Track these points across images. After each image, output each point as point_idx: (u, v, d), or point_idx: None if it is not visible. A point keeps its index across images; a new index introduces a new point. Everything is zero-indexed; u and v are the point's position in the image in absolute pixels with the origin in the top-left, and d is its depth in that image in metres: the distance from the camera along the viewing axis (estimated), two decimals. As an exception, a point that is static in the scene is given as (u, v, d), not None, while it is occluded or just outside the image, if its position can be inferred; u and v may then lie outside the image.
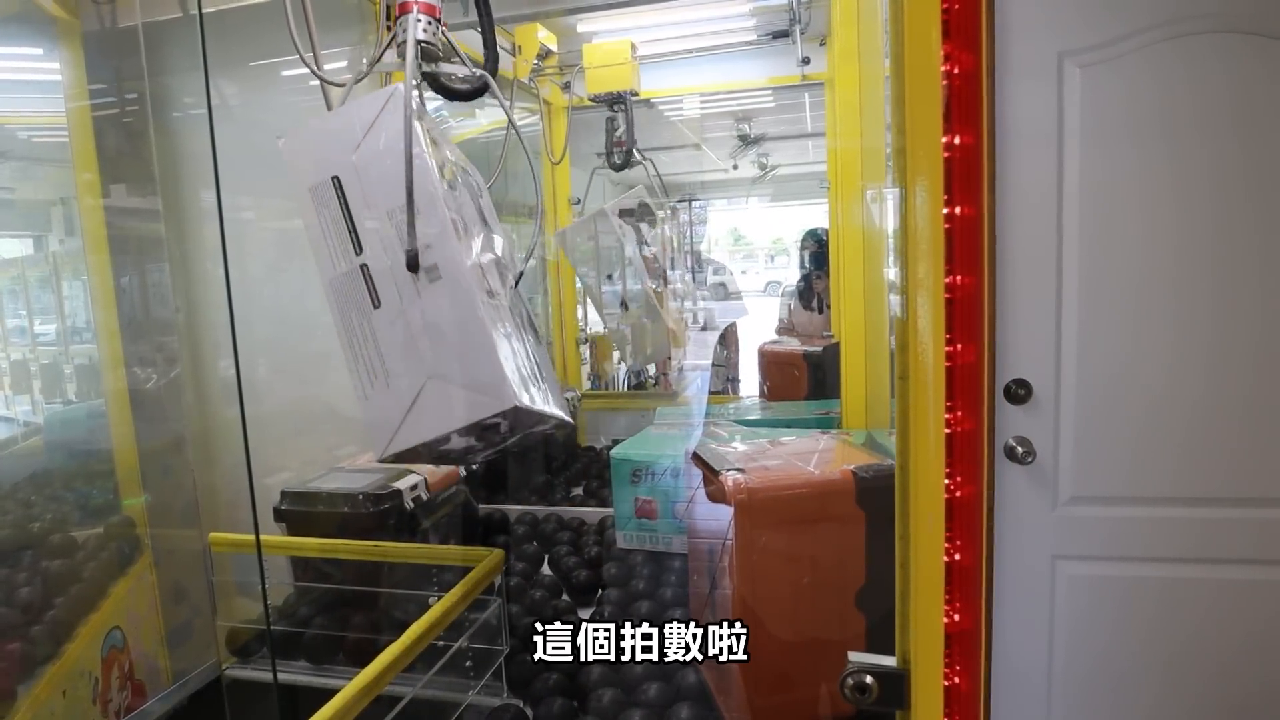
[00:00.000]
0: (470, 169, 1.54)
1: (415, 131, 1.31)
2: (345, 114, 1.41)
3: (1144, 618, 1.38)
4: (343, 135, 1.37)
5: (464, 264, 1.31)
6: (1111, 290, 1.36)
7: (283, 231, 2.54)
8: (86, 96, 1.99)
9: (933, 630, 0.88)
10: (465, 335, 1.29)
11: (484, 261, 1.38)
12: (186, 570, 2.11)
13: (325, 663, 1.88)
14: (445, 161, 1.42)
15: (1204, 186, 1.32)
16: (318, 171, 1.37)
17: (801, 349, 3.10)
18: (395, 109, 1.34)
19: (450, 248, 1.31)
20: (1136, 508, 1.38)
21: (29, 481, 1.90)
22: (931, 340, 0.81)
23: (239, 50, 2.28)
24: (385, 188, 1.32)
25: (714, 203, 5.11)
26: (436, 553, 1.77)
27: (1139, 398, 1.37)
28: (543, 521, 2.71)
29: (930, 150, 0.80)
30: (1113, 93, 1.32)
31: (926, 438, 0.83)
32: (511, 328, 1.39)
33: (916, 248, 0.81)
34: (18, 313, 2.31)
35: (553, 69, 3.14)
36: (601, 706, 1.67)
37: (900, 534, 0.90)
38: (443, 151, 1.44)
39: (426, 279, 1.30)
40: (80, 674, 1.66)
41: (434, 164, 1.35)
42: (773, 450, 1.86)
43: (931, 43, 0.82)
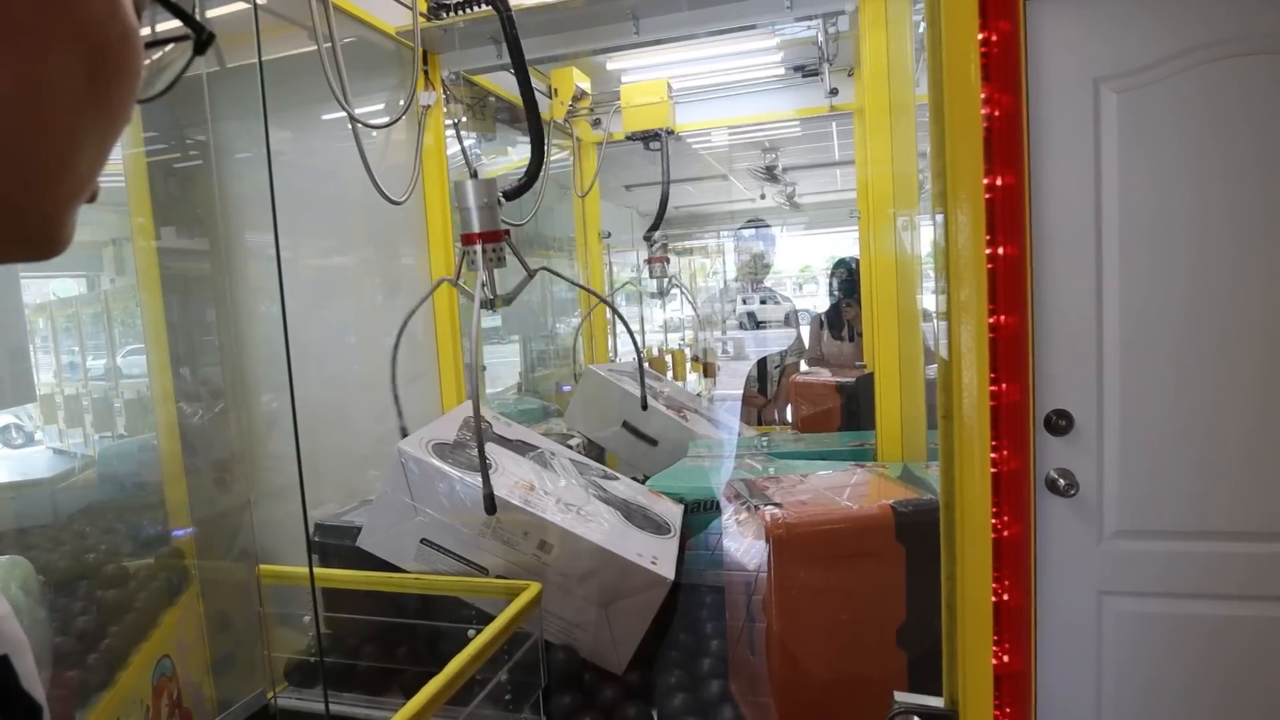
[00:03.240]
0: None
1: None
2: (383, 502, 1.93)
3: (1193, 656, 1.34)
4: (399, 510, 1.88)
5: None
6: (1154, 319, 1.34)
7: (320, 269, 2.63)
8: (142, 144, 2.09)
9: (981, 671, 0.88)
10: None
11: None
12: (230, 600, 2.16)
13: (366, 693, 1.90)
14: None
15: (1245, 212, 1.31)
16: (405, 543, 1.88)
17: (835, 380, 3.09)
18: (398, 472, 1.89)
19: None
20: (1186, 542, 1.35)
21: (84, 513, 1.96)
22: (976, 381, 0.82)
23: (277, 98, 2.39)
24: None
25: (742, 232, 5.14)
26: (476, 585, 1.78)
27: (1186, 429, 1.34)
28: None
29: (972, 194, 0.82)
30: (1151, 117, 1.31)
31: (973, 477, 0.84)
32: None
33: (959, 289, 0.82)
34: (70, 349, 2.40)
35: (586, 109, 3.22)
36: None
37: (947, 573, 0.90)
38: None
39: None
40: (133, 701, 1.70)
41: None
42: (808, 483, 1.85)
43: (971, 87, 0.84)
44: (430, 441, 1.96)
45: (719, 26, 2.36)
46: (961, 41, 0.84)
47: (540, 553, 1.81)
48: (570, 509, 1.91)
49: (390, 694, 1.88)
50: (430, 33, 2.38)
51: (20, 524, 1.79)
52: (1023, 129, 0.93)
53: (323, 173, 2.46)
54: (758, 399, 3.89)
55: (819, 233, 5.21)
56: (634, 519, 2.02)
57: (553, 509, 1.87)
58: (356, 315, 2.60)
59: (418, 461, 1.87)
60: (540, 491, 1.94)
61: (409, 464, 1.87)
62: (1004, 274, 0.84)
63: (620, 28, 2.38)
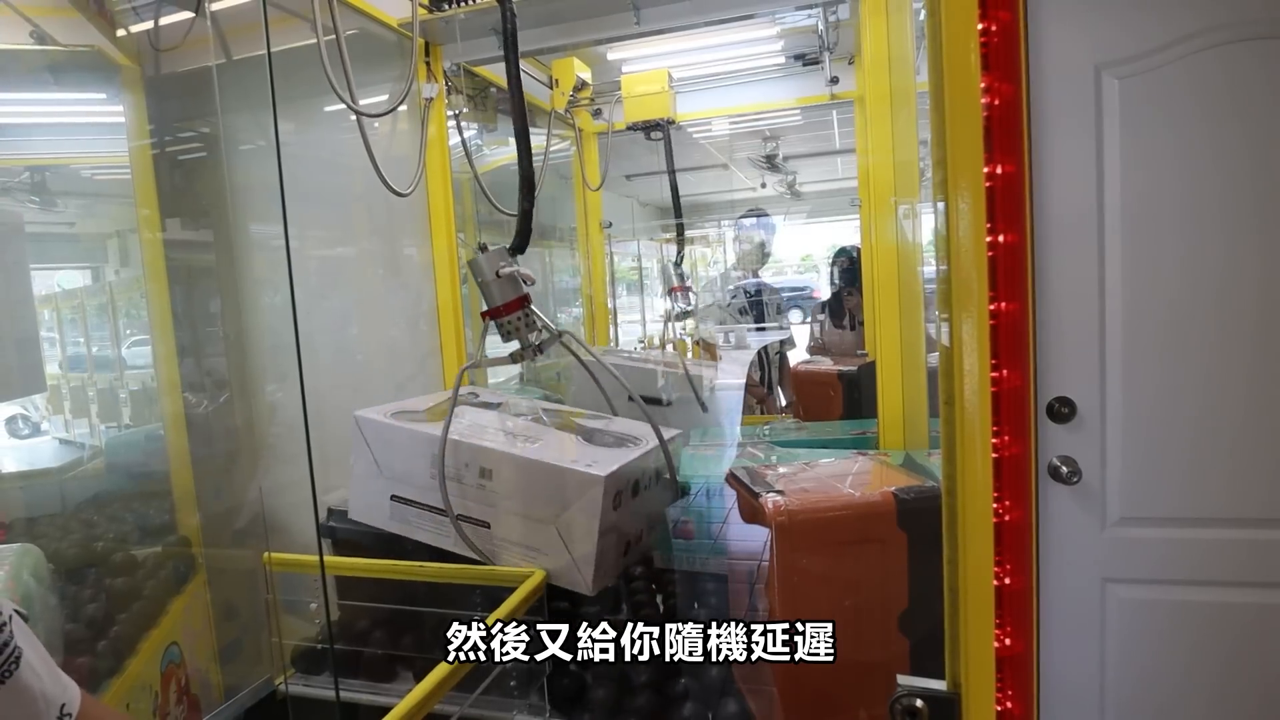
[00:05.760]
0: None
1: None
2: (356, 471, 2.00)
3: (1197, 642, 1.35)
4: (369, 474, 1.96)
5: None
6: (1156, 306, 1.34)
7: (323, 260, 2.63)
8: (147, 136, 2.10)
9: (984, 654, 0.89)
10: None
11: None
12: (236, 588, 2.18)
13: (372, 679, 1.92)
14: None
15: (1248, 198, 1.31)
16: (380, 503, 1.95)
17: (836, 369, 3.09)
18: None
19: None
20: (1190, 529, 1.36)
21: (92, 502, 1.98)
22: (977, 367, 0.83)
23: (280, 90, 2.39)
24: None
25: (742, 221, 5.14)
26: (481, 573, 1.80)
27: (1188, 415, 1.34)
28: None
29: (973, 182, 0.82)
30: (1154, 103, 1.31)
31: (974, 463, 0.85)
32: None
33: (960, 277, 0.83)
34: (75, 340, 2.41)
35: (587, 99, 3.22)
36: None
37: (949, 558, 0.91)
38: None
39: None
40: (142, 688, 1.72)
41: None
42: (810, 471, 1.86)
43: (971, 77, 0.84)
44: (395, 411, 2.03)
45: (720, 16, 2.36)
46: (961, 32, 0.84)
47: (483, 481, 1.81)
48: (516, 438, 1.92)
49: (395, 680, 1.90)
50: (431, 24, 2.38)
51: (30, 513, 1.81)
52: (1023, 117, 0.94)
53: (325, 164, 2.47)
54: (758, 389, 3.90)
55: (819, 221, 5.20)
56: (594, 439, 1.98)
57: (493, 438, 1.88)
58: (360, 305, 2.61)
59: (367, 422, 1.95)
60: (492, 429, 1.96)
61: (363, 426, 1.95)
62: (1005, 261, 0.85)
63: (621, 18, 2.38)
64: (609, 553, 1.77)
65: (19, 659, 0.61)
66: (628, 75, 3.12)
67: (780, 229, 4.97)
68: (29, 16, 1.72)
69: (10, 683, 0.61)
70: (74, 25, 1.87)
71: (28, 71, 1.77)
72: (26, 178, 1.94)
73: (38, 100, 1.92)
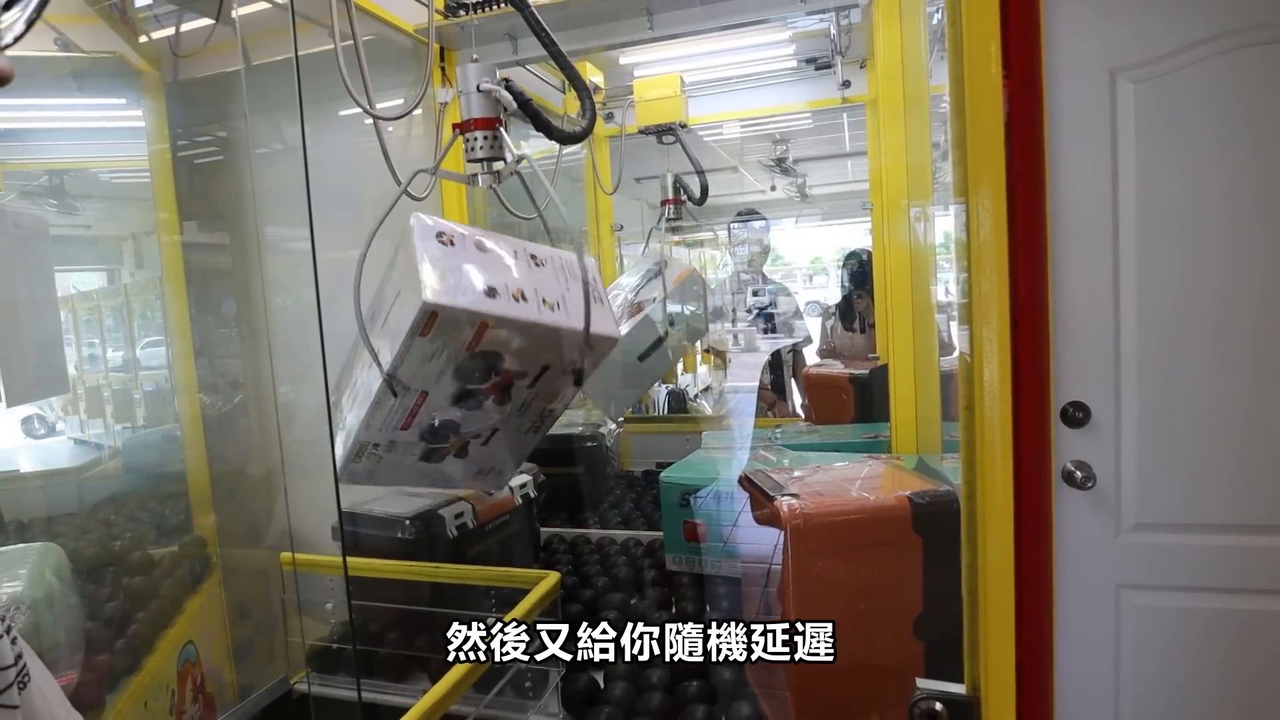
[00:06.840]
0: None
1: None
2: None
3: (1218, 651, 1.34)
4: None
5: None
6: (1172, 310, 1.34)
7: (336, 263, 2.65)
8: (167, 140, 2.12)
9: (1004, 659, 0.89)
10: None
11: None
12: (251, 588, 2.20)
13: (385, 680, 1.93)
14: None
15: (1265, 202, 1.30)
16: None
17: (847, 372, 3.09)
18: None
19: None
20: (1205, 535, 1.35)
21: (109, 502, 2.00)
22: (998, 373, 0.83)
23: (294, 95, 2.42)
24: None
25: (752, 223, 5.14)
26: (495, 575, 1.81)
27: (1204, 420, 1.34)
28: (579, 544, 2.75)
29: (993, 188, 0.83)
30: (1169, 107, 1.31)
31: (994, 468, 0.85)
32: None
33: (981, 281, 0.83)
34: (91, 341, 2.44)
35: (599, 103, 3.24)
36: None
37: (968, 562, 0.91)
38: None
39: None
40: (159, 686, 1.74)
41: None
42: (824, 475, 1.86)
43: (993, 83, 0.84)
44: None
45: (732, 20, 2.37)
46: (982, 39, 0.85)
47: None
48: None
49: (409, 680, 1.91)
50: (447, 30, 2.40)
51: (49, 512, 1.84)
52: (1043, 123, 0.94)
53: (339, 168, 2.49)
54: (768, 395, 3.89)
55: (830, 224, 5.19)
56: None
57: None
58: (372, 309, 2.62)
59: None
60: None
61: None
62: (1023, 265, 0.85)
63: (635, 23, 2.39)
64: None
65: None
66: (640, 80, 3.13)
67: (790, 231, 4.96)
68: (54, 24, 1.75)
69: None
70: (97, 32, 1.90)
71: (54, 78, 1.80)
72: (45, 181, 1.97)
73: (62, 106, 1.95)
